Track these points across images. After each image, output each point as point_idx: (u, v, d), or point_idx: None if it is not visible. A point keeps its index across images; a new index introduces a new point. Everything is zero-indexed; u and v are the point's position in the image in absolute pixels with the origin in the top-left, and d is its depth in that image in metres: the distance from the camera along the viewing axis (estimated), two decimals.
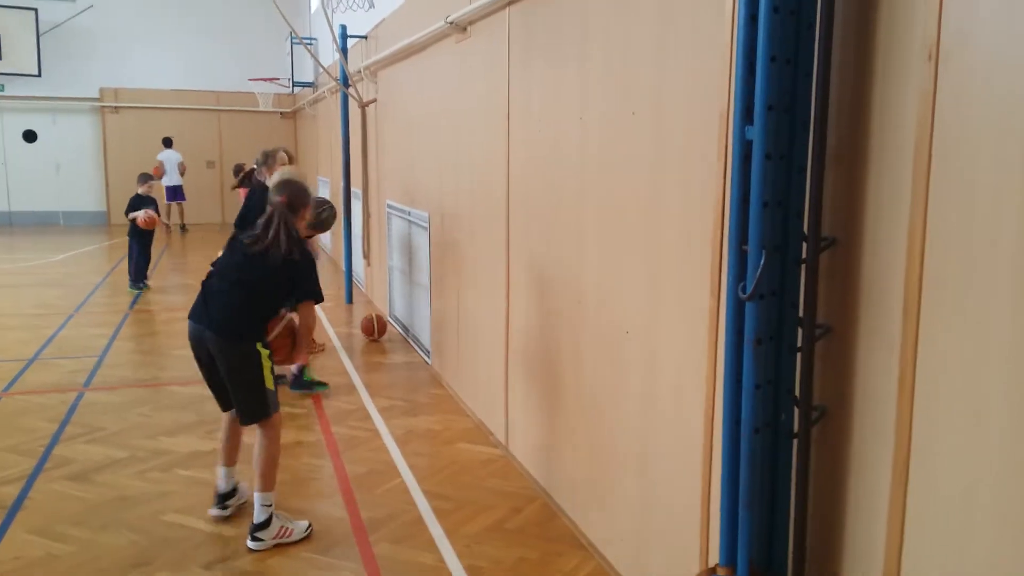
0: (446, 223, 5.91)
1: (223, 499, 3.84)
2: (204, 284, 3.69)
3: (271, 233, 3.58)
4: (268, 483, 3.61)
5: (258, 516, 3.58)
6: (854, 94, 1.99)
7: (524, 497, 4.05)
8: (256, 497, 3.59)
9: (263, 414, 3.61)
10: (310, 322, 3.78)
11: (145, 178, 9.87)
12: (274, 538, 3.58)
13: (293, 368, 5.70)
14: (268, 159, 6.16)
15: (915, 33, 1.80)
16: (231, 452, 3.90)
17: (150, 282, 10.01)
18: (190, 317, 3.65)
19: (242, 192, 6.59)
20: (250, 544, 3.56)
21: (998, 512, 1.63)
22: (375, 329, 7.37)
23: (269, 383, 3.62)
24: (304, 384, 5.76)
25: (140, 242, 9.68)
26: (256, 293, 3.59)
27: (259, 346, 3.57)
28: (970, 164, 1.67)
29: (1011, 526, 1.60)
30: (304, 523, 3.71)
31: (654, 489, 3.01)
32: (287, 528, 3.63)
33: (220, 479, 3.87)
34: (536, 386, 4.19)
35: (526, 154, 4.20)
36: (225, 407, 3.82)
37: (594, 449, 3.50)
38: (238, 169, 12.09)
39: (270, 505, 3.60)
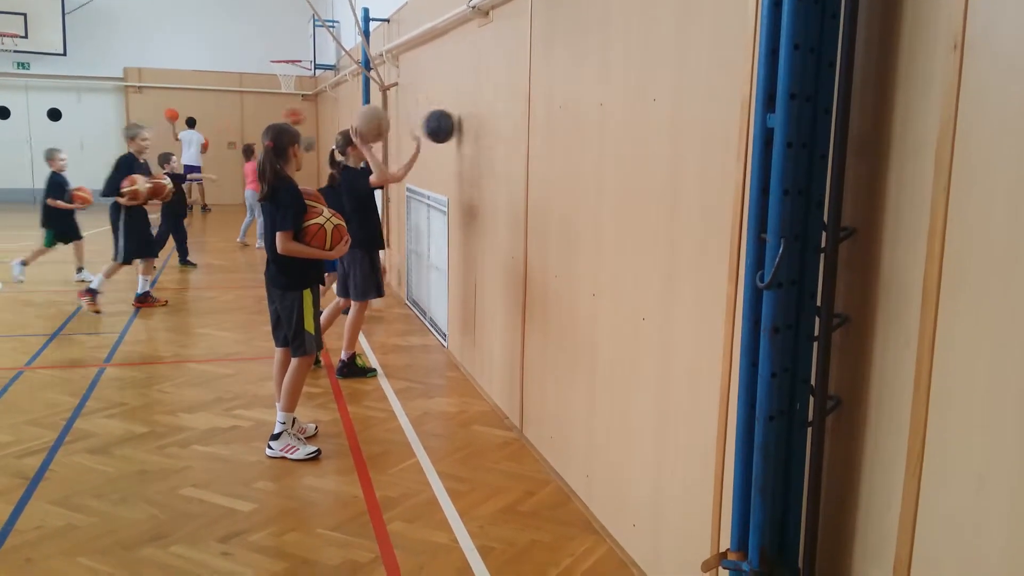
0: (465, 208, 5.92)
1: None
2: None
3: (265, 177, 4.21)
4: (288, 404, 4.37)
5: (276, 428, 4.37)
6: (877, 83, 1.98)
7: (538, 480, 4.07)
8: (278, 414, 4.38)
9: (300, 351, 4.36)
10: (286, 250, 4.21)
11: (167, 157, 9.88)
12: (281, 450, 4.30)
13: (343, 356, 5.74)
14: (351, 140, 5.58)
15: (940, 23, 1.79)
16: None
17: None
18: (264, 274, 4.49)
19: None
20: (267, 451, 4.34)
21: (1011, 504, 1.63)
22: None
23: (309, 327, 4.35)
24: (356, 371, 5.75)
25: (170, 221, 9.81)
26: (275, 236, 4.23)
27: (306, 292, 4.34)
28: (993, 156, 1.66)
29: None
30: (311, 448, 4.32)
31: (667, 474, 3.02)
32: (293, 446, 4.31)
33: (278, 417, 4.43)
34: (551, 371, 4.20)
35: (546, 139, 4.20)
36: (277, 343, 4.52)
37: (608, 434, 3.52)
38: (248, 149, 12.15)
39: (284, 423, 4.35)
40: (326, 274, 7.24)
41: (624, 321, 3.34)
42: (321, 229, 4.29)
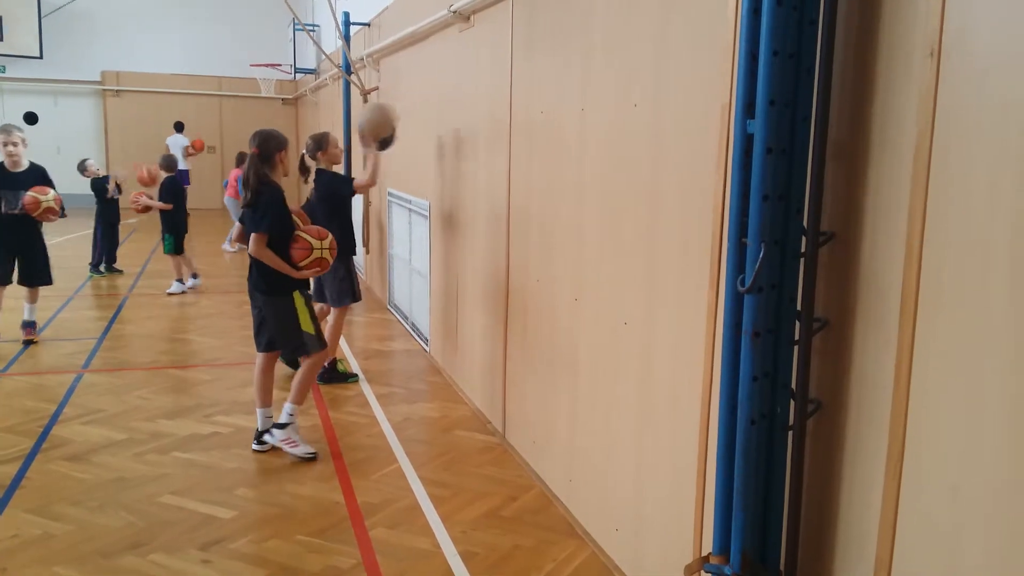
0: (447, 212, 5.92)
1: (259, 435, 4.45)
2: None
3: (249, 184, 4.22)
4: (297, 398, 4.40)
5: (281, 418, 4.40)
6: (855, 90, 2.00)
7: (520, 485, 4.07)
8: (285, 405, 4.39)
9: (302, 352, 4.40)
10: (257, 253, 4.18)
11: (83, 166, 9.78)
12: (282, 440, 4.36)
13: (324, 362, 5.70)
14: (321, 144, 5.56)
15: (917, 29, 1.81)
16: (263, 395, 4.47)
17: (103, 268, 10.03)
18: (247, 279, 4.44)
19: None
20: (267, 436, 4.40)
21: (991, 506, 1.65)
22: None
23: (308, 327, 4.35)
24: (337, 377, 5.73)
25: (100, 228, 9.75)
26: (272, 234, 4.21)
27: (295, 295, 4.30)
28: (969, 160, 1.68)
29: (1003, 521, 1.62)
30: (311, 448, 4.36)
31: (649, 478, 3.03)
32: (294, 441, 4.36)
33: (258, 419, 4.46)
34: (533, 375, 4.20)
35: (527, 144, 4.21)
36: (258, 348, 4.45)
37: (590, 439, 3.52)
38: (241, 157, 12.06)
39: (292, 415, 4.38)
40: None
41: (606, 325, 3.34)
42: (311, 251, 4.29)
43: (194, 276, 9.07)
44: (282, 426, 4.38)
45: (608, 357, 3.33)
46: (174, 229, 8.80)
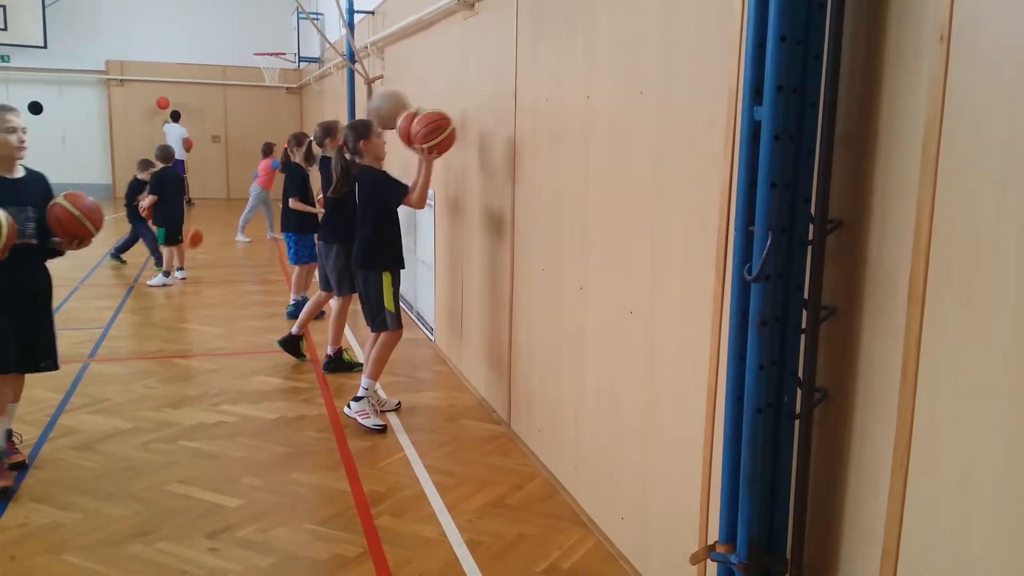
0: (451, 202, 5.90)
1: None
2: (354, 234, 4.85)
3: (342, 176, 4.79)
4: (372, 373, 4.70)
5: (359, 392, 4.69)
6: (864, 76, 1.98)
7: (525, 474, 4.07)
8: (362, 379, 4.71)
9: (381, 327, 4.69)
10: (419, 203, 4.76)
11: (145, 164, 9.44)
12: (356, 413, 4.63)
13: (329, 350, 5.73)
14: (330, 132, 5.91)
15: (926, 14, 1.79)
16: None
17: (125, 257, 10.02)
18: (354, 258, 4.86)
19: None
20: (345, 409, 4.73)
21: (998, 496, 1.64)
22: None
23: (389, 305, 4.66)
24: (343, 366, 5.74)
25: (144, 225, 9.51)
26: (372, 216, 4.61)
27: (386, 274, 4.63)
28: (979, 148, 1.67)
29: (1010, 511, 1.61)
30: (380, 422, 4.62)
31: (655, 467, 3.02)
32: (367, 413, 4.62)
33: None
34: (539, 364, 4.20)
35: (532, 131, 4.19)
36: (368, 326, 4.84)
37: (596, 427, 3.52)
38: (268, 148, 12.00)
39: (367, 388, 4.67)
40: (302, 265, 7.25)
41: (611, 314, 3.34)
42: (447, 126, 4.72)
43: (180, 268, 9.02)
44: (358, 399, 4.64)
45: (614, 346, 3.33)
46: (164, 220, 8.68)
